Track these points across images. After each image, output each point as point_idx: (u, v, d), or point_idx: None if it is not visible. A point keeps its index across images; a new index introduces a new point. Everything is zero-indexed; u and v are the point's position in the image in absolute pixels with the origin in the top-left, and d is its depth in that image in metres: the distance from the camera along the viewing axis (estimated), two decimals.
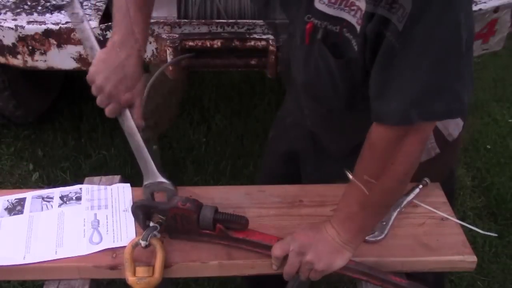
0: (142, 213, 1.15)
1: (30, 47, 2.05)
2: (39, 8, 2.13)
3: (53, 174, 2.66)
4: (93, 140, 2.87)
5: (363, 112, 1.20)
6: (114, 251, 1.16)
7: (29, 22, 2.04)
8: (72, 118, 3.02)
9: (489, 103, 3.39)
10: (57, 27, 2.02)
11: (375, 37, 0.91)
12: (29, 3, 2.13)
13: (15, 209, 1.27)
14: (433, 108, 0.90)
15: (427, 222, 1.25)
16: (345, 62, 1.02)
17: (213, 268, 1.16)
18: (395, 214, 1.23)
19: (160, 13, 1.99)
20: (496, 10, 2.12)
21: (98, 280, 1.18)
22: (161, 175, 1.18)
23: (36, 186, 2.51)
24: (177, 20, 2.03)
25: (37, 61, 2.09)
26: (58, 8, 2.13)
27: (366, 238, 1.16)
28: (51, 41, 2.03)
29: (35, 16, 2.08)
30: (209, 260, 1.15)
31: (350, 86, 1.09)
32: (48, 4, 2.16)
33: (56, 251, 1.16)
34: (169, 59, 1.99)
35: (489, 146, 3.04)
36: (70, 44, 2.04)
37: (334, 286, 2.16)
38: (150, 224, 1.15)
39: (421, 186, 1.31)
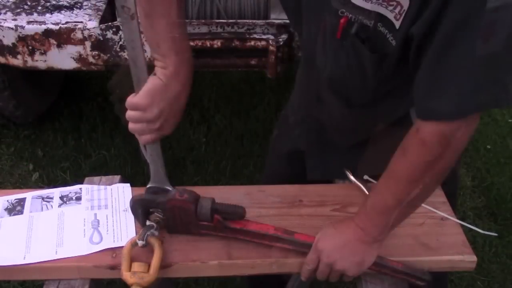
0: (141, 208, 1.15)
1: (30, 47, 2.06)
2: (39, 8, 2.13)
3: (53, 174, 2.66)
4: (93, 140, 2.87)
5: (382, 108, 1.21)
6: (114, 251, 1.16)
7: (29, 22, 2.04)
8: (72, 118, 3.02)
9: None
10: (57, 27, 2.03)
11: (424, 36, 0.91)
12: (29, 3, 2.13)
13: (15, 209, 1.27)
14: (484, 99, 0.92)
15: (427, 222, 1.26)
16: (379, 57, 1.02)
17: (213, 268, 1.16)
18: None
19: None
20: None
21: (98, 280, 1.18)
22: (168, 182, 1.18)
23: (36, 186, 2.51)
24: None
25: (37, 61, 2.09)
26: (59, 8, 2.13)
27: None
28: (51, 41, 2.03)
29: (35, 16, 2.08)
30: (209, 260, 1.15)
31: (379, 81, 1.09)
32: (48, 4, 2.16)
33: (56, 251, 1.16)
34: None
35: (489, 146, 3.04)
36: (70, 44, 2.04)
37: (334, 286, 2.16)
38: (147, 223, 1.15)
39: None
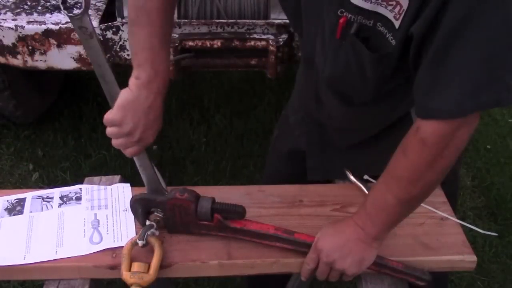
0: (141, 207, 1.15)
1: (30, 47, 2.06)
2: (39, 8, 2.13)
3: (53, 174, 2.66)
4: (93, 140, 2.87)
5: (382, 107, 1.21)
6: (114, 251, 1.16)
7: (29, 22, 2.04)
8: (72, 118, 3.02)
9: None
10: (57, 27, 2.03)
11: (423, 35, 0.92)
12: (29, 3, 2.13)
13: (15, 209, 1.27)
14: (485, 98, 0.92)
15: (427, 222, 1.26)
16: (379, 56, 1.02)
17: (213, 268, 1.16)
18: None
19: None
20: None
21: (98, 280, 1.18)
22: (164, 189, 1.19)
23: (36, 186, 2.51)
24: (177, 20, 2.03)
25: (37, 61, 2.09)
26: (58, 8, 2.13)
27: None
28: (51, 41, 2.03)
29: (35, 16, 2.08)
30: (209, 260, 1.15)
31: (379, 81, 1.10)
32: (48, 4, 2.16)
33: (56, 251, 1.16)
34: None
35: (489, 146, 3.04)
36: (70, 44, 2.04)
37: (334, 286, 2.16)
38: (147, 223, 1.15)
39: None
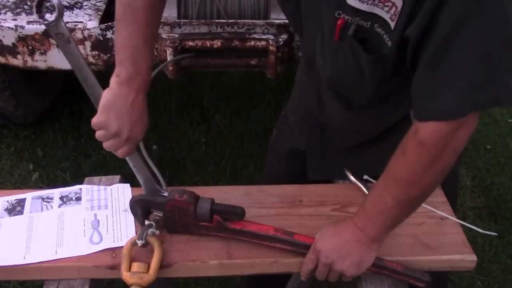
0: (141, 208, 1.15)
1: (30, 47, 2.06)
2: (41, 7, 2.13)
3: (53, 174, 2.66)
4: (93, 140, 2.84)
5: (381, 109, 1.21)
6: (114, 251, 1.16)
7: (29, 22, 2.04)
8: (72, 118, 3.02)
9: None
10: None
11: (420, 38, 0.91)
12: (29, 3, 2.13)
13: (15, 209, 1.27)
14: (483, 98, 0.92)
15: (427, 221, 1.26)
16: (376, 58, 1.02)
17: (213, 268, 1.16)
18: None
19: None
20: None
21: (98, 280, 1.18)
22: (160, 190, 1.19)
23: (36, 186, 2.51)
24: (177, 20, 2.03)
25: (37, 61, 2.09)
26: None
27: None
28: (51, 41, 2.03)
29: (35, 16, 2.08)
30: (209, 259, 1.15)
31: (378, 82, 1.10)
32: (48, 4, 2.16)
33: (56, 251, 1.16)
34: (169, 59, 2.00)
35: (489, 146, 3.04)
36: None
37: (334, 286, 2.16)
38: (146, 222, 1.15)
39: None
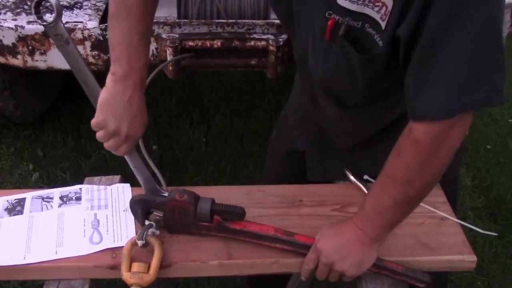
0: (141, 208, 1.16)
1: (30, 47, 2.06)
2: (40, 8, 2.13)
3: (53, 174, 2.66)
4: (93, 140, 2.85)
5: (376, 108, 1.21)
6: (114, 251, 1.16)
7: (29, 22, 2.04)
8: (72, 118, 3.02)
9: None
10: None
11: (410, 38, 0.91)
12: (29, 3, 2.13)
13: (15, 209, 1.27)
14: (472, 98, 0.92)
15: (427, 221, 1.26)
16: (368, 58, 1.02)
17: (213, 268, 1.16)
18: None
19: (160, 13, 1.99)
20: None
21: (98, 280, 1.18)
22: (160, 190, 1.19)
23: (36, 186, 2.51)
24: (177, 20, 2.03)
25: (37, 61, 2.09)
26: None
27: None
28: (51, 41, 2.03)
29: (34, 16, 2.07)
30: (209, 260, 1.15)
31: (369, 82, 1.10)
32: (48, 4, 2.16)
33: (56, 251, 1.16)
34: (169, 59, 1.99)
35: (489, 146, 3.04)
36: None
37: (334, 286, 2.16)
38: (146, 222, 1.15)
39: None
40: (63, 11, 2.10)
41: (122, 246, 1.14)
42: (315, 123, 1.40)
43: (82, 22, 2.05)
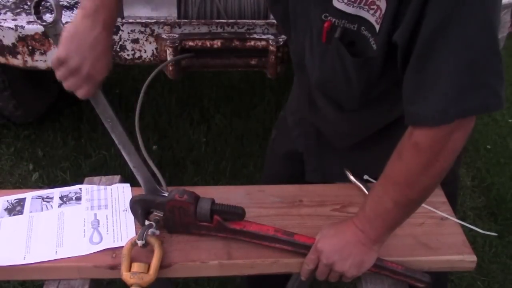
0: (141, 208, 1.16)
1: (30, 47, 2.05)
2: (39, 8, 2.13)
3: (53, 174, 2.66)
4: (93, 140, 2.87)
5: (374, 110, 1.21)
6: (114, 251, 1.16)
7: (29, 22, 2.04)
8: (72, 118, 3.02)
9: None
10: None
11: (407, 43, 0.91)
12: (29, 3, 2.13)
13: (15, 209, 1.27)
14: (470, 103, 0.91)
15: (427, 221, 1.26)
16: (362, 61, 1.02)
17: (213, 268, 1.16)
18: None
19: (160, 13, 1.99)
20: None
21: (98, 280, 1.18)
22: (160, 190, 1.19)
23: (36, 186, 2.51)
24: (177, 20, 2.03)
25: (37, 61, 2.09)
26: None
27: None
28: (51, 41, 2.03)
29: (33, 16, 2.08)
30: (209, 260, 1.15)
31: (364, 85, 1.09)
32: (48, 4, 2.16)
33: (56, 251, 1.16)
34: (169, 59, 1.99)
35: (489, 146, 3.04)
36: None
37: (334, 286, 2.16)
38: (146, 222, 1.15)
39: None
40: (63, 11, 2.10)
41: (122, 246, 1.14)
42: (313, 124, 1.40)
43: None
